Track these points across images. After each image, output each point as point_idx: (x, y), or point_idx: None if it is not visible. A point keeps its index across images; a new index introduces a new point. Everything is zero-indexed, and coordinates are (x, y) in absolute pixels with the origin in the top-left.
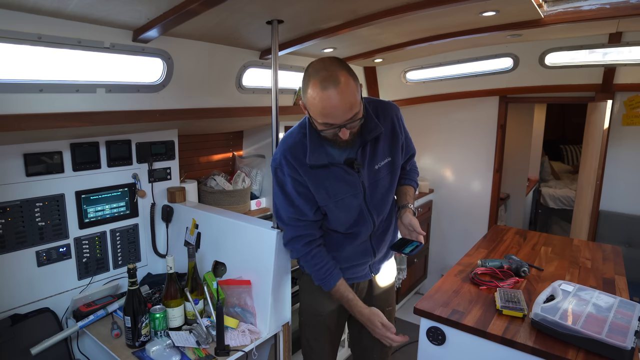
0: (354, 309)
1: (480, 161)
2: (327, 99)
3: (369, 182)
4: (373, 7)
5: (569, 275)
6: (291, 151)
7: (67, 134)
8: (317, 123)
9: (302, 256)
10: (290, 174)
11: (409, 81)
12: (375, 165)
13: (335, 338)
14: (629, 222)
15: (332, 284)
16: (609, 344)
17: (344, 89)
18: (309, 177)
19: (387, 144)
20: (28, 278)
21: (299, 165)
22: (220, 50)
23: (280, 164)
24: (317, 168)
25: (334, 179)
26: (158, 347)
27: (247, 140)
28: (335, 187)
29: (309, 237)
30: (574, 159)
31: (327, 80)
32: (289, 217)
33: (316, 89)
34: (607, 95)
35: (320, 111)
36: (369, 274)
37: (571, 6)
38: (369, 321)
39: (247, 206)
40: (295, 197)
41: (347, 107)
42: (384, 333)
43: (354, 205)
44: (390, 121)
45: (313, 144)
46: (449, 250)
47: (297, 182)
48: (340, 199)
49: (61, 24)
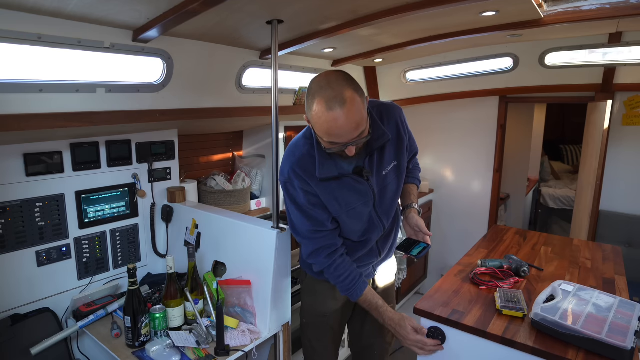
0: (384, 315)
1: (480, 161)
2: (333, 120)
3: (378, 189)
4: (373, 7)
5: (569, 275)
6: (299, 164)
7: (67, 134)
8: (322, 141)
9: (325, 268)
10: (301, 186)
11: (409, 81)
12: (383, 171)
13: (337, 338)
14: (629, 222)
15: (359, 293)
16: (609, 344)
17: (350, 109)
18: (319, 190)
19: (394, 148)
20: (28, 278)
21: (309, 178)
22: (220, 50)
23: (290, 178)
24: (328, 180)
25: (345, 189)
26: (158, 347)
27: (247, 140)
28: (346, 197)
29: (331, 247)
30: (574, 159)
31: (332, 101)
32: (307, 230)
33: (322, 108)
34: (607, 95)
35: (326, 131)
36: (372, 273)
37: (571, 6)
38: (398, 326)
39: (247, 206)
40: (310, 209)
41: (353, 127)
42: (415, 337)
43: (365, 213)
44: (395, 125)
45: (321, 156)
46: (449, 250)
47: (309, 194)
48: (352, 208)
49: (61, 24)
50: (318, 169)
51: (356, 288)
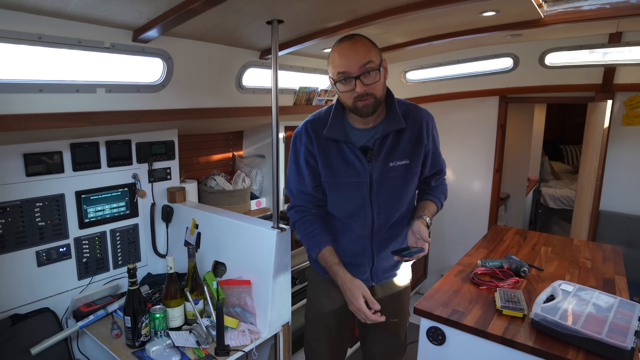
0: (337, 276)
1: (480, 161)
2: (341, 49)
3: (378, 176)
4: (373, 7)
5: (569, 275)
6: (313, 123)
7: (67, 134)
8: (335, 80)
9: (296, 221)
10: (305, 143)
11: (409, 81)
12: (391, 163)
13: (335, 340)
14: (629, 222)
15: (320, 248)
16: (609, 344)
17: (356, 42)
18: (320, 150)
19: (409, 146)
20: (28, 278)
21: (315, 137)
22: (220, 50)
23: (300, 133)
24: (331, 142)
25: (341, 158)
26: (158, 347)
27: (247, 140)
28: (340, 168)
29: (305, 208)
30: (574, 159)
31: (344, 37)
32: (295, 187)
33: (334, 45)
34: (607, 95)
35: (335, 61)
36: (369, 280)
37: (571, 6)
38: (349, 290)
39: (247, 206)
40: (303, 166)
41: (359, 55)
42: (360, 305)
43: (356, 196)
44: (418, 125)
45: (335, 119)
46: (449, 250)
47: (309, 153)
48: (343, 181)
49: (61, 24)
50: (327, 128)
51: (318, 244)
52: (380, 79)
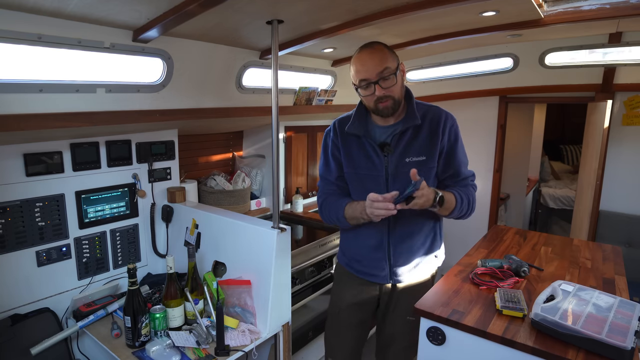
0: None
1: (480, 161)
2: (361, 57)
3: (393, 171)
4: (373, 7)
5: (569, 275)
6: (340, 121)
7: (67, 134)
8: (357, 85)
9: (322, 203)
10: (332, 138)
11: (409, 81)
12: (407, 158)
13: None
14: (629, 222)
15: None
16: (609, 344)
17: (374, 51)
18: (343, 144)
19: (426, 142)
20: (28, 278)
21: (340, 133)
22: (220, 50)
23: (330, 129)
24: (353, 137)
25: (363, 153)
26: (158, 347)
27: (247, 140)
28: (359, 160)
29: (330, 192)
30: (574, 159)
31: (363, 46)
32: (321, 174)
33: (355, 54)
34: (607, 95)
35: (356, 69)
36: (387, 278)
37: (571, 6)
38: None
39: (247, 206)
40: (330, 158)
41: (376, 62)
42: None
43: (373, 187)
44: (436, 122)
45: (357, 117)
46: (449, 250)
47: (335, 147)
48: (362, 173)
49: (61, 24)
50: (349, 125)
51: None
52: (397, 82)
